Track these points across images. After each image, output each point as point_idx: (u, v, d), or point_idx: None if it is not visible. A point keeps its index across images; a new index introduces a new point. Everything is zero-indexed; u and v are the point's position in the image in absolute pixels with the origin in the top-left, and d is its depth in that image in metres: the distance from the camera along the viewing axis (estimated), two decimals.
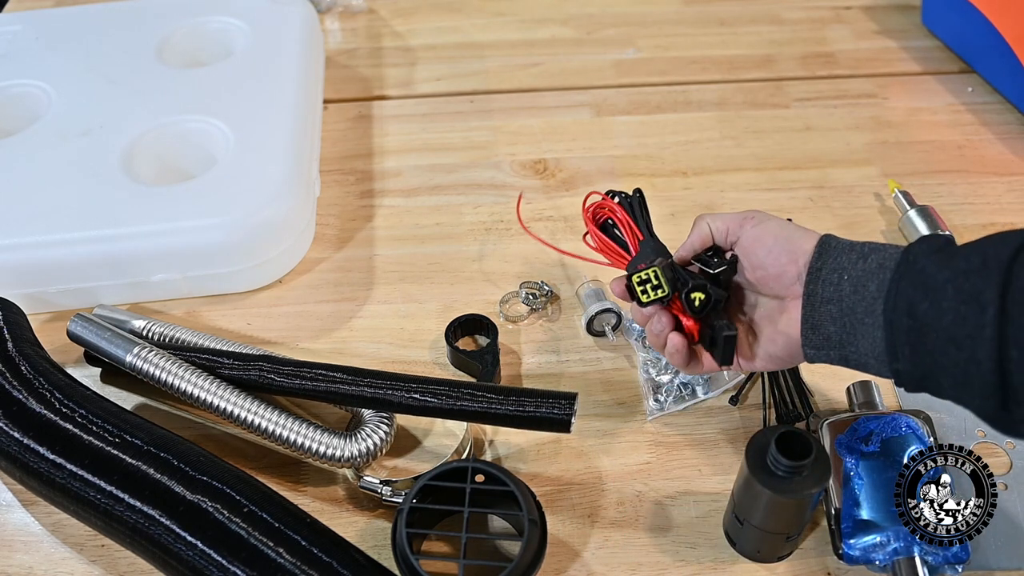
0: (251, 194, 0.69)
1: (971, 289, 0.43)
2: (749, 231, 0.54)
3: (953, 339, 0.44)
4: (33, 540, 0.57)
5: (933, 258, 0.46)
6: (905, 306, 0.46)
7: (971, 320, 0.43)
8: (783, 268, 0.51)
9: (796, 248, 0.51)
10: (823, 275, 0.50)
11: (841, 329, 0.49)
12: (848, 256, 0.49)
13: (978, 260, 0.44)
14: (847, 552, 0.53)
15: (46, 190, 0.69)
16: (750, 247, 0.54)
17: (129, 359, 0.58)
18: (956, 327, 0.43)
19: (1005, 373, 0.42)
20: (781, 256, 0.52)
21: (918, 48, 0.94)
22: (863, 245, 0.50)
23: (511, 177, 0.81)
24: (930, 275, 0.45)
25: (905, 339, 0.46)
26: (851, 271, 0.49)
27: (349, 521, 0.57)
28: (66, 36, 0.85)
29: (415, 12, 1.00)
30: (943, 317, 0.44)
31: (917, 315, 0.45)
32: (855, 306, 0.48)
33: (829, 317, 0.49)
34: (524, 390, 0.55)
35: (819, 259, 0.50)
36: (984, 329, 0.42)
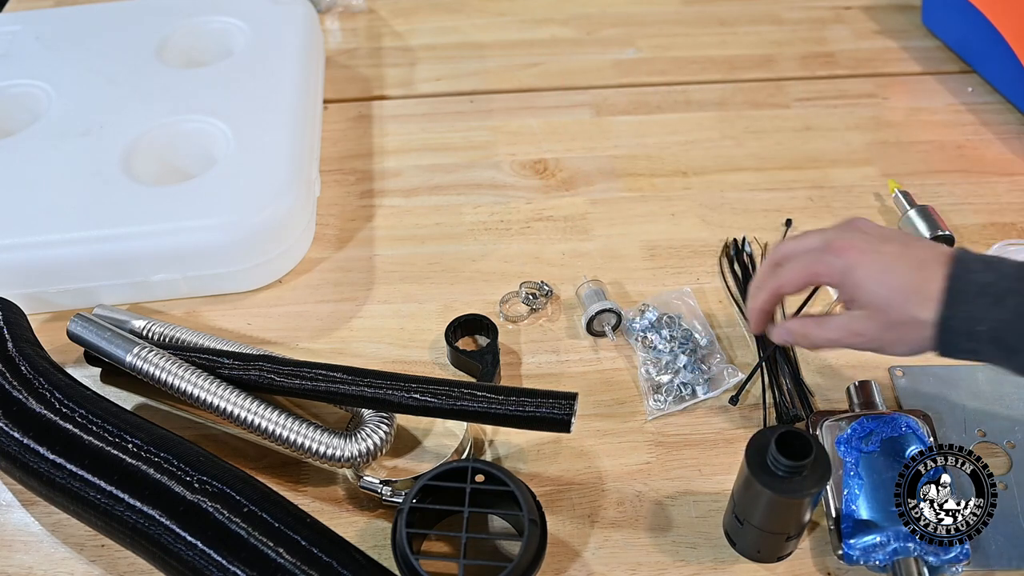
0: (251, 194, 0.69)
1: None
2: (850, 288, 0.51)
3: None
4: (33, 540, 0.57)
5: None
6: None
7: None
8: (908, 311, 0.49)
9: (921, 295, 0.49)
10: (954, 324, 0.48)
11: (979, 359, 0.49)
12: (981, 301, 0.47)
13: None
14: (847, 552, 0.53)
15: (46, 190, 0.69)
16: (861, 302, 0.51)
17: (129, 359, 0.58)
18: None
19: None
20: (908, 302, 0.49)
21: (918, 48, 0.94)
22: (996, 282, 0.47)
23: (511, 177, 0.81)
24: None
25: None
26: (985, 321, 0.47)
27: (349, 521, 0.57)
28: (66, 36, 0.85)
29: (415, 12, 1.00)
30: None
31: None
32: (992, 352, 0.48)
33: (966, 354, 0.49)
34: (524, 390, 0.55)
35: (949, 308, 0.48)
36: None
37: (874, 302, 0.50)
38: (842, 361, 0.65)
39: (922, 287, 0.49)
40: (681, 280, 0.71)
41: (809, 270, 0.53)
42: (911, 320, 0.49)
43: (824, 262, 0.52)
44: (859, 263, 0.50)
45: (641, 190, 0.79)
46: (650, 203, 0.78)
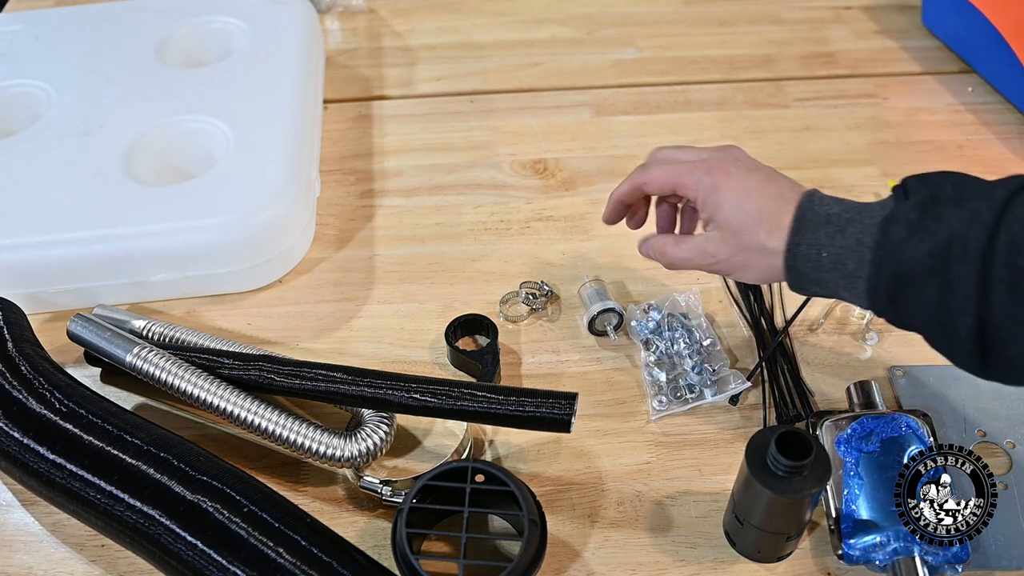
0: (251, 194, 0.69)
1: (955, 278, 0.44)
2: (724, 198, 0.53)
3: (938, 319, 0.46)
4: (33, 540, 0.57)
5: (912, 230, 0.46)
6: (887, 294, 0.47)
7: (956, 307, 0.45)
8: (757, 236, 0.52)
9: (774, 221, 0.51)
10: (801, 251, 0.50)
11: (826, 292, 0.51)
12: (825, 230, 0.50)
13: (959, 245, 0.44)
14: (847, 552, 0.53)
15: (46, 190, 0.69)
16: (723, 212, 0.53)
17: (129, 359, 0.58)
18: (941, 310, 0.45)
19: (984, 343, 0.44)
20: (760, 225, 0.52)
21: (918, 48, 0.94)
22: (839, 214, 0.50)
23: (511, 177, 0.81)
24: (910, 258, 0.46)
25: (889, 317, 0.49)
26: (829, 247, 0.49)
27: (349, 521, 0.57)
28: (66, 36, 0.85)
29: (415, 12, 1.00)
30: (927, 305, 0.46)
31: (899, 303, 0.47)
32: (836, 281, 0.50)
33: (812, 284, 0.51)
34: (524, 390, 0.55)
35: (796, 234, 0.50)
36: (967, 316, 0.44)
37: (730, 224, 0.53)
38: (842, 361, 0.65)
39: (775, 216, 0.51)
40: (681, 280, 0.71)
41: (676, 178, 0.55)
42: (761, 247, 0.52)
43: (692, 175, 0.54)
44: (723, 185, 0.53)
45: None
46: None
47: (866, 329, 0.66)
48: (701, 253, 0.55)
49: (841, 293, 0.50)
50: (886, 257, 0.47)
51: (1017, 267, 0.43)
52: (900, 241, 0.46)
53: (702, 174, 0.54)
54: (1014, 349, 0.44)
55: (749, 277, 0.55)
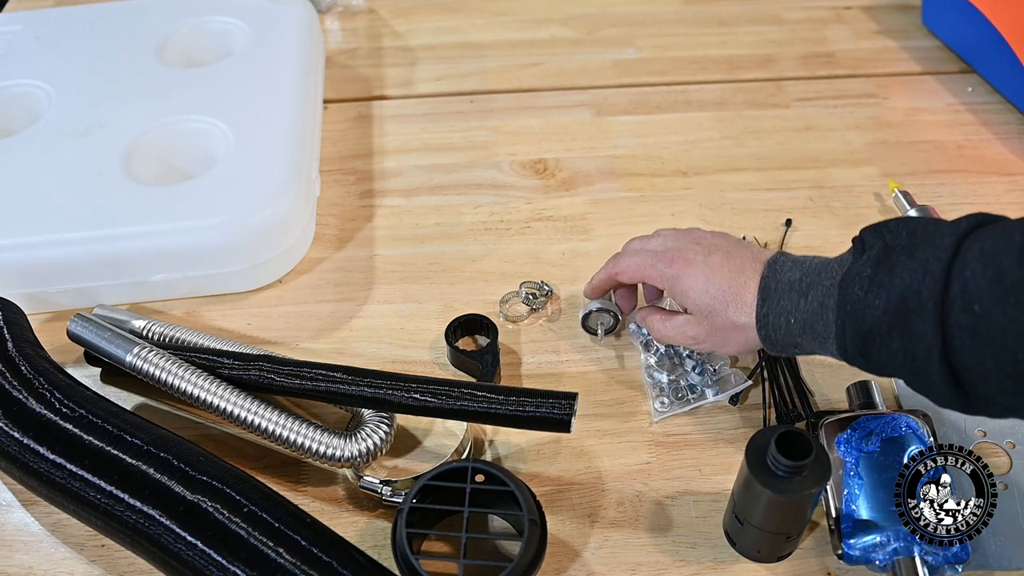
0: (251, 194, 0.69)
1: (915, 331, 0.45)
2: (679, 296, 0.57)
3: (907, 371, 0.47)
4: (33, 540, 0.57)
5: (868, 294, 0.47)
6: (857, 350, 0.49)
7: (921, 356, 0.45)
8: (727, 315, 0.55)
9: (738, 301, 0.54)
10: (770, 320, 0.53)
11: (804, 351, 0.53)
12: (789, 297, 0.52)
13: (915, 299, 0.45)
14: (847, 552, 0.53)
15: (46, 190, 0.69)
16: (688, 308, 0.57)
17: (129, 359, 0.58)
18: (908, 362, 0.46)
19: (959, 386, 0.45)
20: (726, 313, 0.54)
21: (918, 48, 0.94)
22: (800, 279, 0.52)
23: (511, 177, 0.81)
24: (868, 318, 0.47)
25: (865, 368, 0.50)
26: (795, 314, 0.51)
27: (349, 521, 0.57)
28: (66, 36, 0.85)
29: (415, 12, 1.00)
30: (895, 358, 0.47)
31: (870, 358, 0.49)
32: (807, 343, 0.52)
33: (790, 347, 0.54)
34: (524, 390, 0.55)
35: (763, 305, 0.53)
36: (933, 364, 0.45)
37: (699, 309, 0.56)
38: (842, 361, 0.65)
39: (739, 294, 0.54)
40: None
41: (642, 271, 0.59)
42: (732, 324, 0.55)
43: (655, 268, 0.58)
44: (685, 274, 0.56)
45: (641, 190, 0.79)
46: (650, 203, 0.78)
47: None
48: (683, 335, 0.58)
49: (818, 351, 0.52)
50: (847, 318, 0.48)
51: (974, 313, 0.43)
52: (858, 301, 0.48)
53: (663, 266, 0.57)
54: (988, 389, 0.44)
55: (731, 351, 0.59)
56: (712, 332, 0.56)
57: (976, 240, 0.45)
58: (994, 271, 0.43)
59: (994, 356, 0.43)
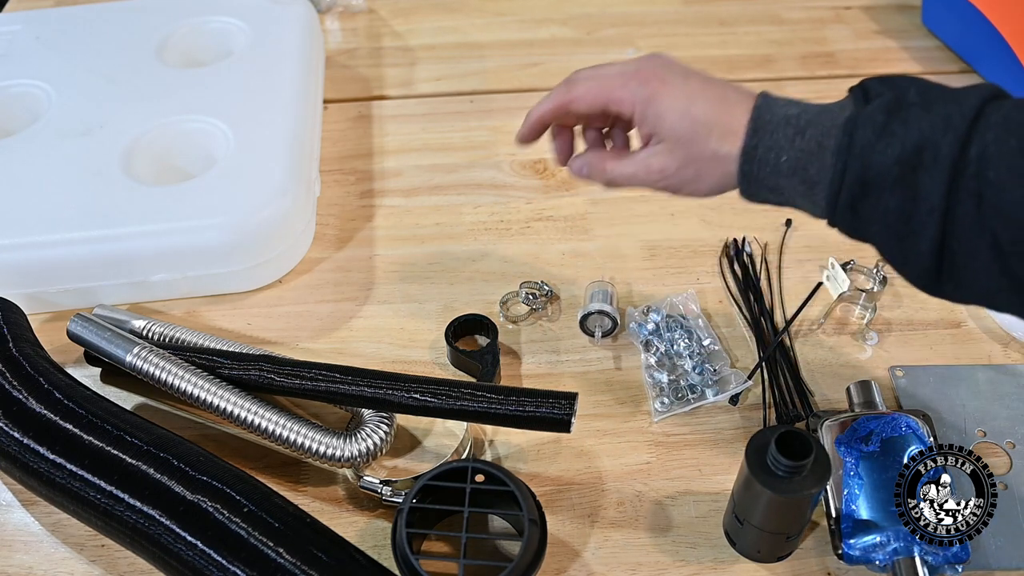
0: (251, 194, 0.69)
1: (922, 188, 0.42)
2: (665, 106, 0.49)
3: (897, 234, 0.44)
4: (33, 540, 0.57)
5: (880, 141, 0.43)
6: (848, 202, 0.45)
7: (917, 219, 0.42)
8: (708, 144, 0.48)
9: (724, 128, 0.48)
10: (758, 154, 0.47)
11: (781, 199, 0.48)
12: (784, 132, 0.46)
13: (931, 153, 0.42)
14: (847, 552, 0.53)
15: (46, 190, 0.69)
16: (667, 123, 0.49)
17: (129, 359, 0.58)
18: (902, 225, 0.43)
19: (943, 258, 0.43)
20: (711, 133, 0.48)
21: (918, 48, 0.94)
22: (799, 115, 0.46)
23: (511, 177, 0.81)
24: (875, 166, 0.43)
25: (847, 227, 0.46)
26: (788, 151, 0.46)
27: (349, 521, 0.57)
28: (66, 36, 0.85)
29: (415, 12, 1.00)
30: (888, 216, 0.44)
31: (859, 211, 0.45)
32: (793, 187, 0.47)
33: (767, 192, 0.48)
34: (524, 390, 0.55)
35: (753, 136, 0.47)
36: (928, 229, 0.42)
37: (675, 134, 0.49)
38: (842, 361, 0.65)
39: (726, 121, 0.48)
40: (681, 280, 0.71)
41: (608, 92, 0.51)
42: (713, 155, 0.48)
43: (626, 87, 0.50)
44: (662, 93, 0.49)
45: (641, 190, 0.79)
46: (650, 203, 0.78)
47: (866, 329, 0.66)
48: (646, 169, 0.51)
49: (797, 200, 0.48)
50: (851, 161, 0.44)
51: (987, 179, 0.40)
52: (867, 145, 0.43)
53: (636, 85, 0.50)
54: (970, 266, 0.42)
55: (700, 189, 0.51)
56: (686, 163, 0.49)
57: (1001, 107, 0.42)
58: (1018, 141, 0.40)
59: (993, 230, 0.40)
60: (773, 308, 0.69)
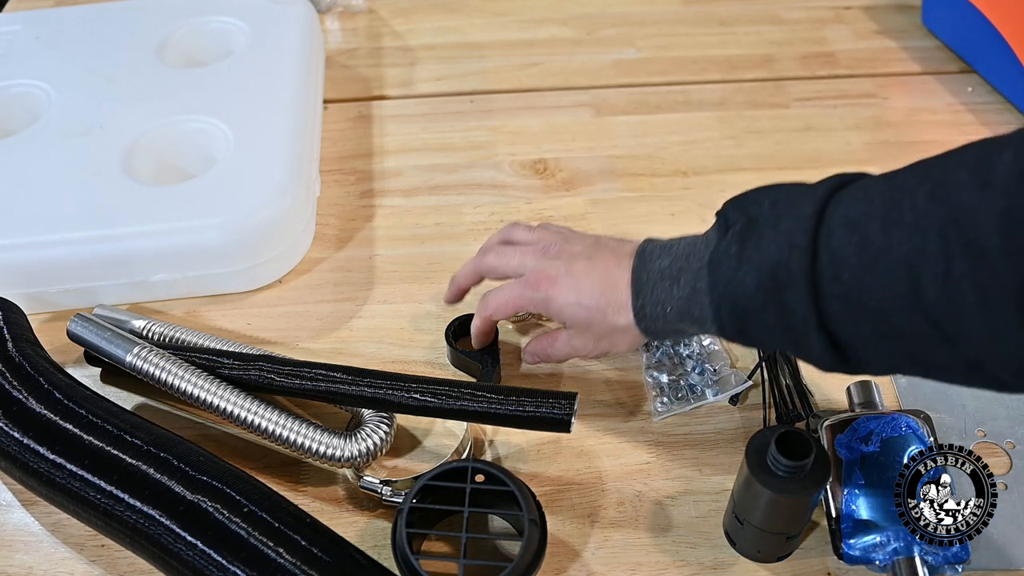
0: (251, 194, 0.69)
1: (784, 304, 0.45)
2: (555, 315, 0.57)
3: (787, 342, 0.47)
4: (33, 540, 0.57)
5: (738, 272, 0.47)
6: (734, 330, 0.49)
7: (796, 328, 0.45)
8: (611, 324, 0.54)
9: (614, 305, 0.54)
10: (647, 312, 0.52)
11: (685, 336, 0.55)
12: (661, 285, 0.51)
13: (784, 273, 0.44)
14: (847, 552, 0.53)
15: (46, 190, 0.69)
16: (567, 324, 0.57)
17: (129, 359, 0.58)
18: (787, 336, 0.46)
19: (839, 350, 0.45)
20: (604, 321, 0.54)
21: (918, 48, 0.94)
22: (670, 266, 0.51)
23: (511, 177, 0.81)
24: (741, 296, 0.47)
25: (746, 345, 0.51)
26: (670, 302, 0.51)
27: (349, 521, 0.57)
28: (66, 36, 0.85)
29: (415, 12, 1.00)
30: (773, 332, 0.47)
31: (748, 334, 0.48)
32: (688, 326, 0.51)
33: (672, 334, 0.54)
34: (524, 390, 0.55)
35: (638, 299, 0.53)
36: (809, 336, 0.44)
37: (577, 323, 0.56)
38: None
39: (613, 298, 0.54)
40: None
41: (516, 304, 0.59)
42: (614, 328, 0.54)
43: (526, 297, 0.57)
44: (553, 294, 0.56)
45: (641, 190, 0.79)
46: (650, 203, 0.78)
47: None
48: (572, 348, 0.59)
49: (699, 332, 0.52)
50: (721, 299, 0.48)
51: (843, 281, 0.42)
52: (729, 281, 0.47)
53: (531, 292, 0.57)
54: (866, 352, 0.44)
55: (622, 350, 0.58)
56: (598, 339, 0.56)
57: (839, 205, 0.44)
58: (859, 237, 0.42)
59: (869, 321, 0.42)
60: None
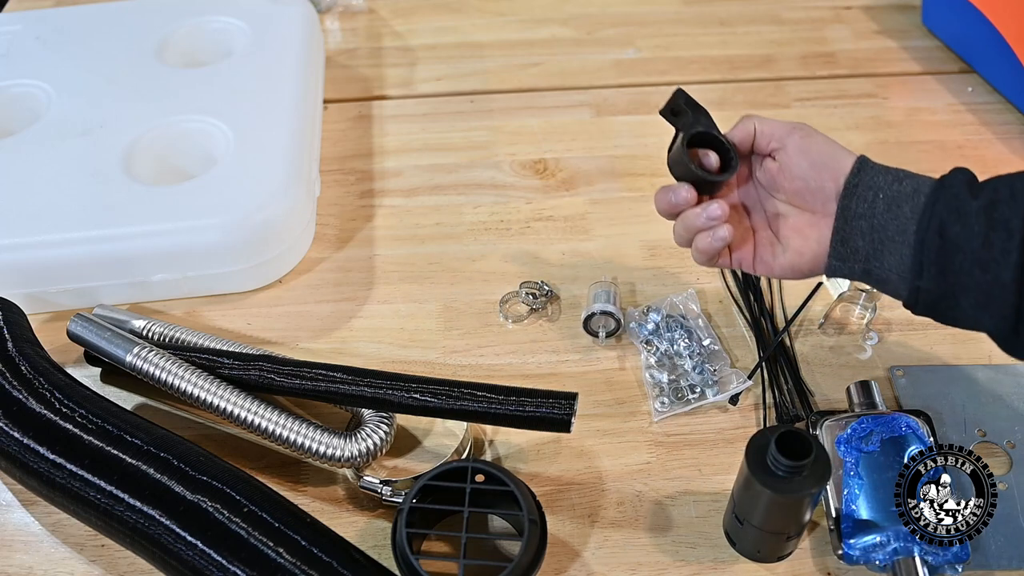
0: (251, 194, 0.69)
1: (1000, 217, 0.47)
2: (796, 141, 0.55)
3: (980, 261, 0.47)
4: (33, 540, 0.57)
5: (966, 187, 0.49)
6: (938, 227, 0.49)
7: (998, 245, 0.46)
8: (823, 183, 0.53)
9: (838, 165, 0.53)
10: (859, 191, 0.52)
11: (870, 244, 0.51)
12: (884, 177, 0.52)
13: (1007, 192, 0.47)
14: (847, 552, 0.53)
15: (46, 190, 0.69)
16: (794, 158, 0.55)
17: (129, 359, 0.58)
18: (984, 251, 0.47)
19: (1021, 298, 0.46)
20: (823, 171, 0.53)
21: (918, 48, 0.94)
22: (899, 170, 0.52)
23: (511, 177, 0.81)
24: (963, 201, 0.48)
25: (934, 258, 0.49)
26: (886, 191, 0.51)
27: (349, 521, 0.57)
28: (66, 36, 0.85)
29: (415, 12, 1.00)
30: (973, 240, 0.47)
31: (948, 236, 0.48)
32: (887, 224, 0.51)
33: (860, 232, 0.52)
34: (524, 390, 0.55)
35: (856, 175, 0.52)
36: (1010, 255, 0.46)
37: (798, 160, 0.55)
38: (842, 361, 0.65)
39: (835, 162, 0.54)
40: (681, 280, 0.71)
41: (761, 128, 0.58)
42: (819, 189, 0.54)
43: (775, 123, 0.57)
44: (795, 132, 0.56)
45: (641, 190, 0.79)
46: (650, 203, 0.77)
47: (866, 329, 0.67)
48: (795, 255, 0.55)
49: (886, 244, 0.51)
50: (943, 196, 0.49)
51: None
52: (958, 192, 0.49)
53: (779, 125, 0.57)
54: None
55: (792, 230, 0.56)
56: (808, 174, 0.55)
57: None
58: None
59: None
60: (773, 308, 0.69)
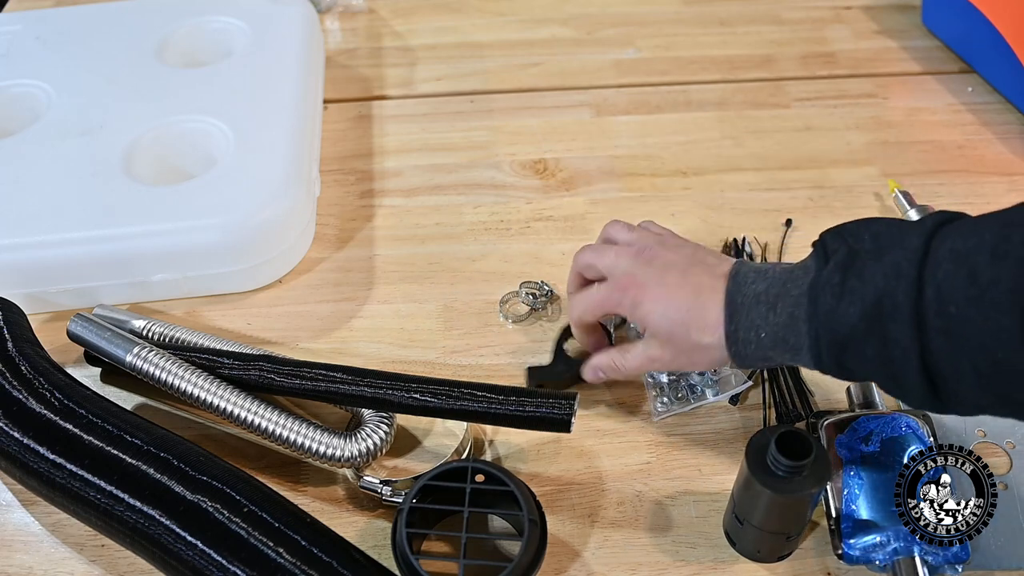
0: (251, 194, 0.69)
1: (886, 336, 0.45)
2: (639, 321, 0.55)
3: (883, 374, 0.46)
4: (33, 540, 0.57)
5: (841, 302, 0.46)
6: (831, 360, 0.48)
7: (896, 360, 0.45)
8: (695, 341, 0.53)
9: (701, 322, 0.52)
10: (740, 336, 0.51)
11: (774, 363, 0.52)
12: (757, 311, 0.50)
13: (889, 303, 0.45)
14: (847, 552, 0.53)
15: (46, 190, 0.69)
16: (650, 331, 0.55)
17: (129, 359, 0.58)
18: (884, 367, 0.46)
19: (935, 386, 0.44)
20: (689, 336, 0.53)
21: (918, 48, 0.94)
22: (766, 291, 0.50)
23: (511, 177, 0.81)
24: (843, 326, 0.46)
25: (839, 376, 0.49)
26: (764, 327, 0.50)
27: (349, 521, 0.57)
28: (66, 36, 0.85)
29: (415, 12, 1.00)
30: (870, 363, 0.46)
31: (844, 365, 0.48)
32: (781, 354, 0.50)
33: (759, 361, 0.52)
34: (524, 390, 0.55)
35: (731, 322, 0.51)
36: (909, 367, 0.44)
37: (660, 333, 0.54)
38: None
39: (701, 315, 0.52)
40: None
41: (603, 306, 0.58)
42: (697, 345, 0.53)
43: (613, 299, 0.57)
44: (642, 298, 0.54)
45: (641, 190, 0.79)
46: (650, 203, 0.78)
47: None
48: (648, 360, 0.57)
49: (789, 362, 0.51)
50: (821, 328, 0.47)
51: (949, 315, 0.42)
52: (830, 311, 0.47)
53: (619, 296, 0.56)
54: (962, 388, 0.44)
55: (699, 368, 0.59)
56: (676, 355, 0.55)
57: (945, 239, 0.44)
58: (967, 270, 0.42)
59: (970, 357, 0.42)
60: None
